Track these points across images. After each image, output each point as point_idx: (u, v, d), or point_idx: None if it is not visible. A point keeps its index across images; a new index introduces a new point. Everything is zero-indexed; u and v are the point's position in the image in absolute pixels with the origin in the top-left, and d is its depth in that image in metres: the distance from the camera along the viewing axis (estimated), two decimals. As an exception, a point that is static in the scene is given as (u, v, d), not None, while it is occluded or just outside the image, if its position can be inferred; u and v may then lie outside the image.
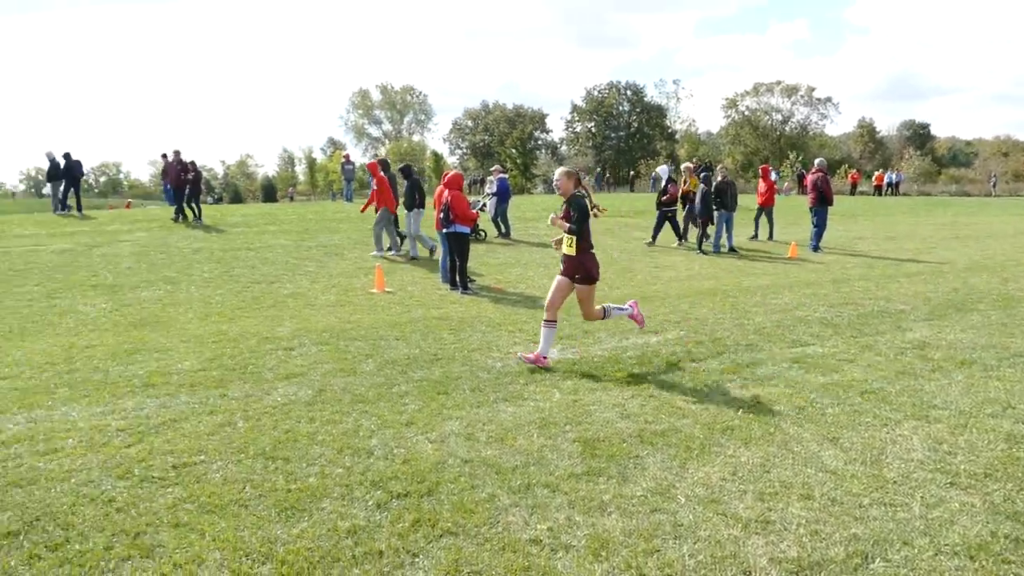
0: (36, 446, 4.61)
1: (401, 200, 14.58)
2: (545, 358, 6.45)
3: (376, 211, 13.86)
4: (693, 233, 16.21)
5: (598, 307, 6.67)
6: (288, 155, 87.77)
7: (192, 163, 18.55)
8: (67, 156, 20.14)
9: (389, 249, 14.24)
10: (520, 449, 4.50)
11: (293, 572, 3.16)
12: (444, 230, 10.71)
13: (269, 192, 67.47)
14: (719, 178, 15.81)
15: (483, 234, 16.43)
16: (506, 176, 18.84)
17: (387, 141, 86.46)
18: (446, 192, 10.72)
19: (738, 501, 3.80)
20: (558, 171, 6.58)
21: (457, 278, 10.66)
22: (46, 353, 7.16)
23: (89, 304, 9.84)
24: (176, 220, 18.01)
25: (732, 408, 5.24)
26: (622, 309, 6.90)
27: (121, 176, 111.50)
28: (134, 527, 3.53)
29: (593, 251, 6.54)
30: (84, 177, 22.59)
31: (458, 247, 10.64)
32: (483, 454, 4.42)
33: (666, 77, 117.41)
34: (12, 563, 3.23)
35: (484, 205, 17.58)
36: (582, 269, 6.40)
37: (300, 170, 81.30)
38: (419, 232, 13.87)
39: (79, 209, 20.46)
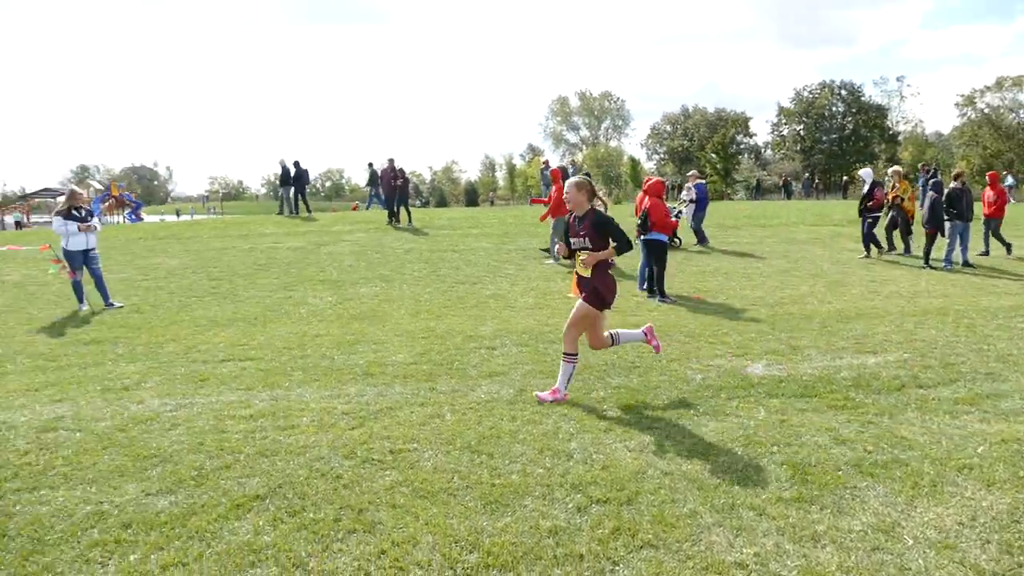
0: (277, 421, 5.21)
1: None
2: (562, 392, 5.69)
3: (551, 217, 14.21)
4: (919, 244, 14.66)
5: (606, 333, 5.86)
6: (490, 161, 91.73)
7: (401, 170, 20.00)
8: (296, 164, 22.63)
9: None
10: (723, 466, 4.33)
11: (498, 564, 3.28)
12: (642, 237, 10.63)
13: (471, 196, 70.98)
14: (952, 184, 14.16)
15: (678, 241, 16.07)
16: (704, 182, 18.28)
17: (584, 147, 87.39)
18: (646, 199, 10.65)
19: (979, 551, 3.37)
20: (568, 182, 5.71)
21: (654, 286, 10.51)
22: (284, 339, 8.07)
23: (317, 297, 10.94)
24: (390, 223, 19.49)
25: (970, 444, 4.66)
26: (633, 335, 6.04)
27: (343, 181, 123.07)
28: (358, 503, 3.87)
29: (611, 272, 5.72)
30: (311, 183, 25.31)
31: (655, 255, 10.50)
32: (683, 468, 4.32)
33: (888, 74, 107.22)
34: (260, 523, 3.67)
35: (680, 212, 17.19)
36: (594, 290, 5.64)
37: (500, 175, 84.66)
38: None
39: (308, 211, 22.87)
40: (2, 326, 9.25)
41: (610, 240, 5.57)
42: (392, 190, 19.60)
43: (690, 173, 18.44)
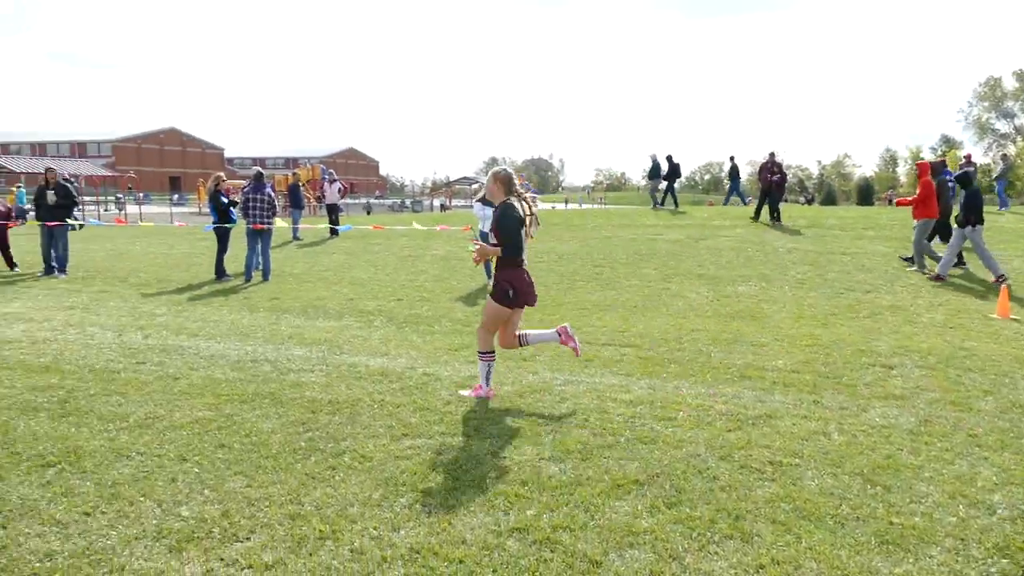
0: (655, 411, 5.35)
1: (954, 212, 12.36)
2: (484, 388, 5.63)
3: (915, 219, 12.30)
4: None
5: (502, 335, 5.60)
6: (890, 155, 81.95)
7: (779, 164, 18.84)
8: (669, 159, 23.17)
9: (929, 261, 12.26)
10: None
11: (895, 614, 2.91)
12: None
13: (865, 194, 64.46)
14: None
15: None
16: None
17: (1018, 138, 73.00)
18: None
19: None
20: (490, 173, 5.58)
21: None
22: (661, 330, 8.25)
23: (694, 291, 10.95)
24: (767, 218, 18.57)
25: None
26: (544, 335, 5.77)
27: (721, 175, 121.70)
28: (735, 509, 3.77)
29: (523, 269, 5.44)
30: (681, 177, 25.80)
31: None
32: None
33: None
34: (639, 507, 3.80)
35: None
36: (497, 283, 5.43)
37: (902, 171, 75.13)
38: (984, 250, 11.28)
39: (675, 205, 23.24)
40: (431, 292, 11.12)
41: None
42: (768, 184, 18.65)
43: None
